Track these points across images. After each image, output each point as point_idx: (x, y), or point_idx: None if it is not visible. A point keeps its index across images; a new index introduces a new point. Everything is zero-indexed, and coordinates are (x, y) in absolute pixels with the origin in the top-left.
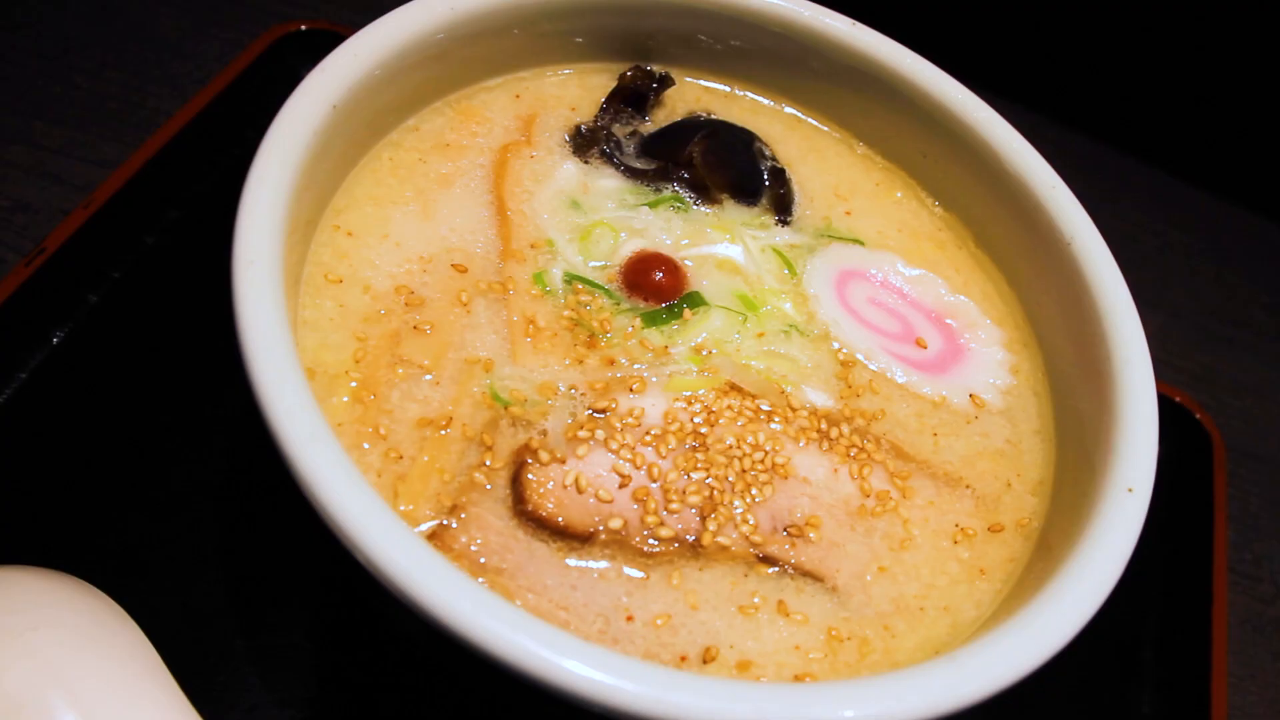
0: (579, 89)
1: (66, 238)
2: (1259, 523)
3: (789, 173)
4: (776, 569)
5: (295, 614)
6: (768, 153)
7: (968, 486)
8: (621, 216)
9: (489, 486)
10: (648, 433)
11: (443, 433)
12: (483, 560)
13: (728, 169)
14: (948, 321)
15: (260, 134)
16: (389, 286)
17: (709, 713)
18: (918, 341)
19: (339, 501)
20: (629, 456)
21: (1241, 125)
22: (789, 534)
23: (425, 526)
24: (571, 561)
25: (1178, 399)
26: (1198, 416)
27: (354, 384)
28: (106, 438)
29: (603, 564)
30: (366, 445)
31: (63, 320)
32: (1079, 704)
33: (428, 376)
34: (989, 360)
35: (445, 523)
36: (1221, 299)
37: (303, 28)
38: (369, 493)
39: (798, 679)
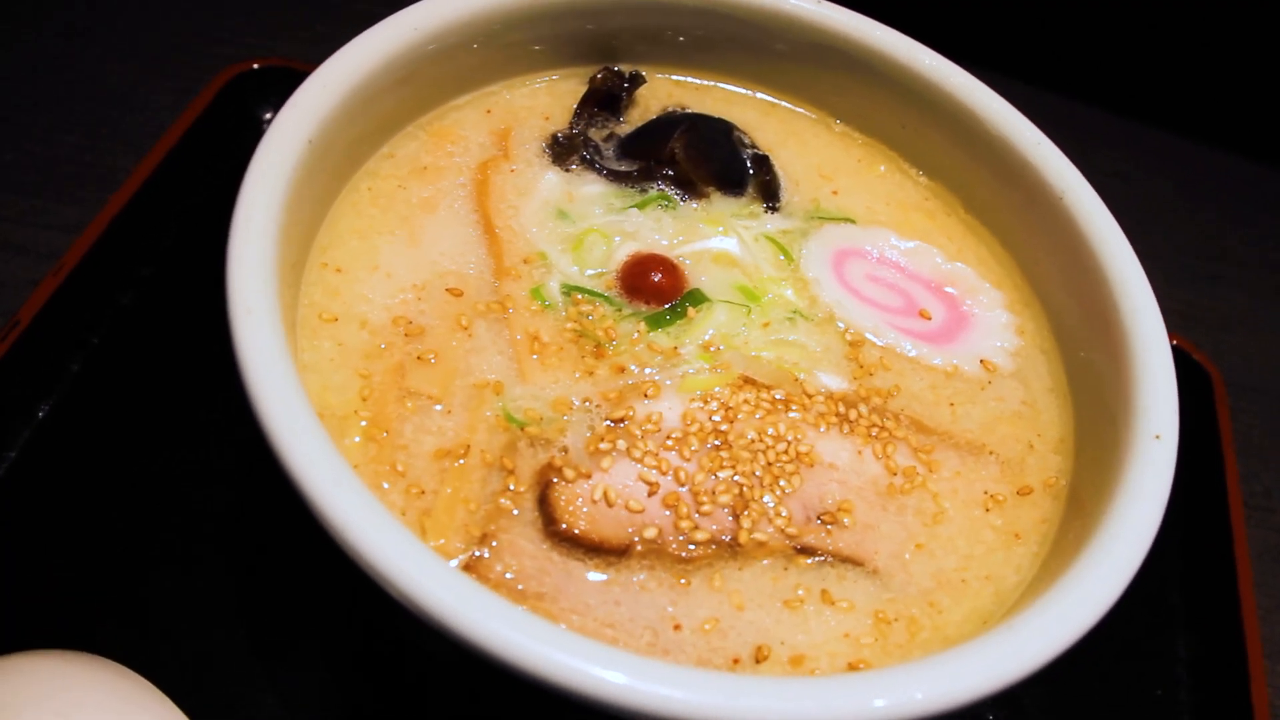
0: (550, 97)
1: (39, 308)
2: (1265, 455)
3: (772, 159)
4: (816, 559)
5: (322, 658)
6: (747, 141)
7: (991, 453)
8: (611, 221)
9: (516, 511)
10: (669, 437)
11: (461, 462)
12: (521, 587)
13: (711, 161)
14: (948, 290)
15: (224, 179)
16: (386, 319)
17: (779, 714)
18: (921, 313)
19: (373, 546)
20: (653, 463)
21: (1200, 65)
22: (823, 522)
23: (459, 559)
24: (611, 576)
25: (1174, 341)
26: (1195, 357)
27: (364, 423)
28: (109, 506)
29: (642, 575)
30: (386, 485)
31: (46, 393)
32: (1114, 651)
33: (438, 407)
34: (993, 324)
35: (478, 554)
36: (1200, 238)
37: (255, 66)
38: (402, 533)
39: (852, 667)
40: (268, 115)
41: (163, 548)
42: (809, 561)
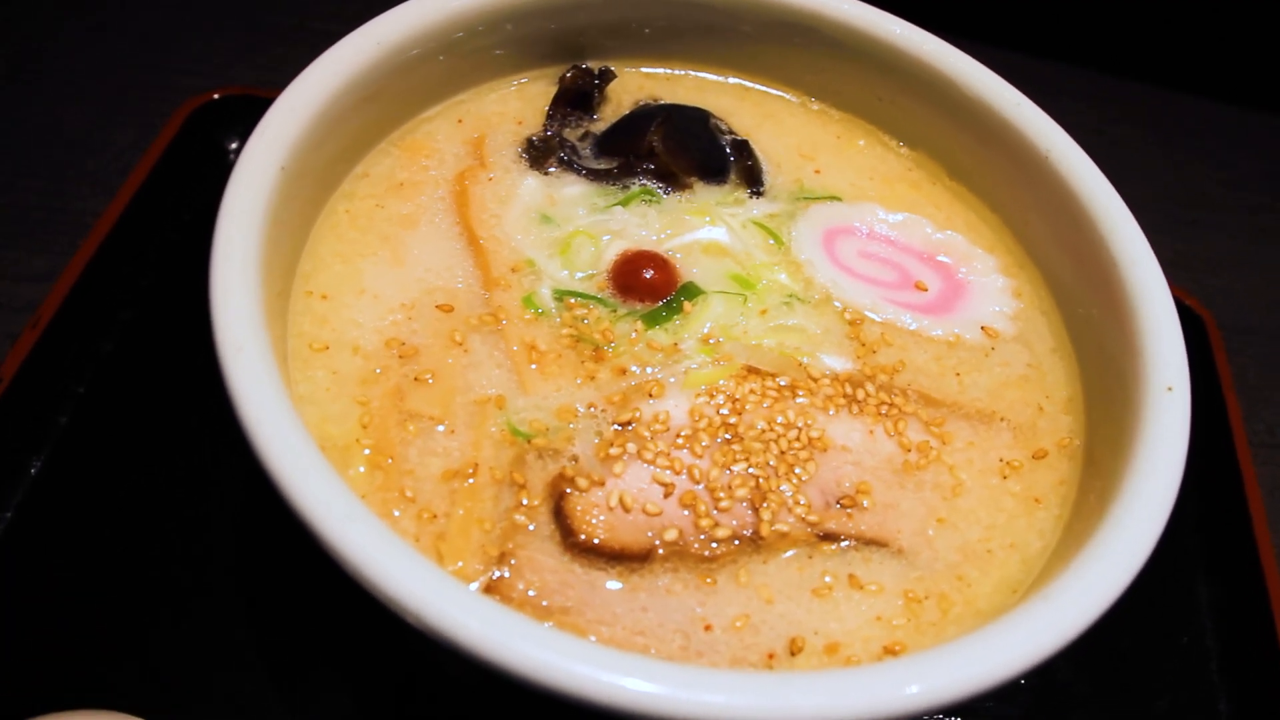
0: (520, 101)
1: (21, 363)
2: (1263, 393)
3: (751, 143)
4: (839, 544)
5: (346, 690)
6: (724, 127)
7: (1001, 419)
8: (596, 221)
9: (532, 527)
10: (678, 435)
11: (471, 481)
12: (545, 603)
13: (690, 151)
14: (941, 259)
15: (196, 213)
16: (378, 343)
17: (824, 709)
18: (917, 285)
19: (393, 578)
20: (666, 464)
21: (1163, 12)
22: (842, 506)
23: (479, 582)
24: (636, 583)
25: None
26: (1187, 303)
27: (367, 451)
28: (113, 557)
29: (667, 579)
30: (397, 512)
31: (37, 448)
32: (1135, 602)
33: (440, 427)
34: (990, 289)
35: (497, 574)
36: (1178, 183)
37: (215, 96)
38: (420, 562)
39: (888, 650)
40: (233, 145)
41: (172, 594)
42: (833, 547)
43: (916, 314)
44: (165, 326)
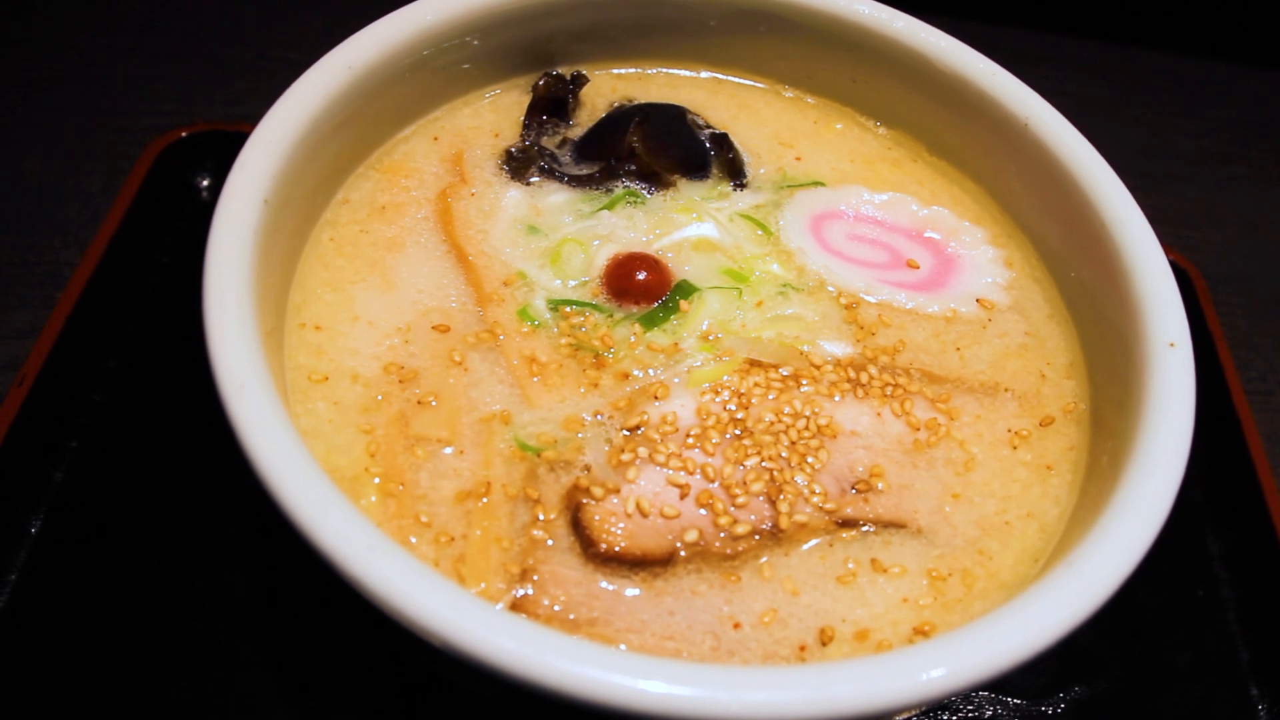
0: (494, 113)
1: (10, 421)
2: (1253, 340)
3: (730, 136)
4: (859, 529)
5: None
6: (701, 122)
7: (1006, 390)
8: (584, 227)
9: (551, 541)
10: (688, 435)
11: (485, 501)
12: (572, 616)
13: (671, 149)
14: (930, 235)
15: (174, 254)
16: (377, 369)
17: (869, 697)
18: (909, 263)
19: (421, 605)
20: (679, 465)
21: None
22: (858, 491)
23: (504, 601)
24: (660, 588)
25: None
26: (1171, 257)
27: (377, 480)
28: (124, 613)
29: (691, 580)
30: (414, 539)
31: (34, 508)
32: (1150, 558)
33: (448, 449)
34: (981, 261)
35: (521, 592)
36: (1147, 139)
37: (183, 134)
38: (447, 587)
39: (917, 631)
40: (205, 182)
41: (188, 644)
42: (853, 533)
43: (911, 292)
44: (153, 372)
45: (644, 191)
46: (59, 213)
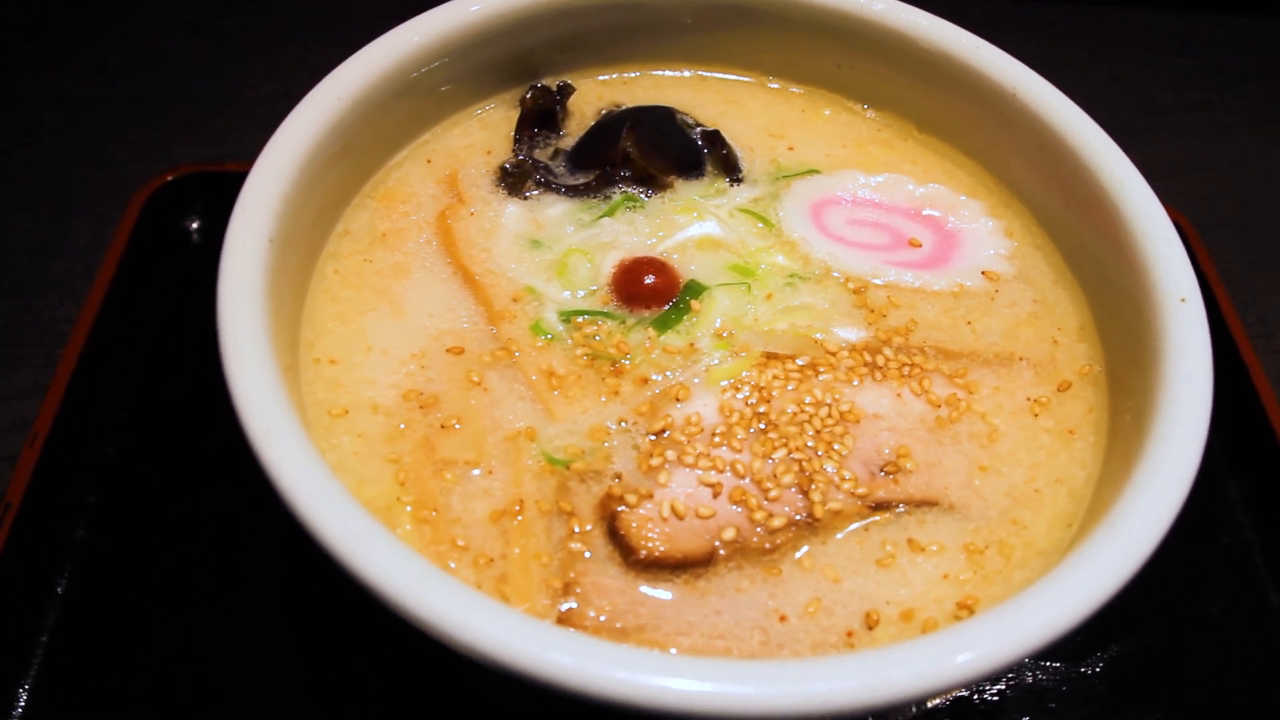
0: (484, 130)
1: (26, 483)
2: (1250, 284)
3: (721, 132)
4: (892, 511)
5: None
6: (691, 121)
7: (1020, 359)
8: (586, 236)
9: (589, 554)
10: (714, 434)
11: (519, 519)
12: (619, 625)
13: (665, 150)
14: (929, 213)
15: (172, 300)
16: (396, 398)
17: (923, 678)
18: (911, 242)
19: (477, 631)
20: (708, 464)
21: None
22: (887, 473)
23: (550, 617)
24: (703, 588)
25: None
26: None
27: (409, 508)
28: (160, 667)
29: (733, 577)
30: (454, 563)
31: (58, 568)
32: None
33: (477, 470)
34: (982, 233)
35: (566, 606)
36: (1125, 96)
37: (169, 178)
38: (500, 609)
39: (962, 606)
40: (195, 224)
41: (226, 689)
42: (887, 515)
43: (917, 271)
44: (163, 420)
45: (642, 195)
46: (51, 269)
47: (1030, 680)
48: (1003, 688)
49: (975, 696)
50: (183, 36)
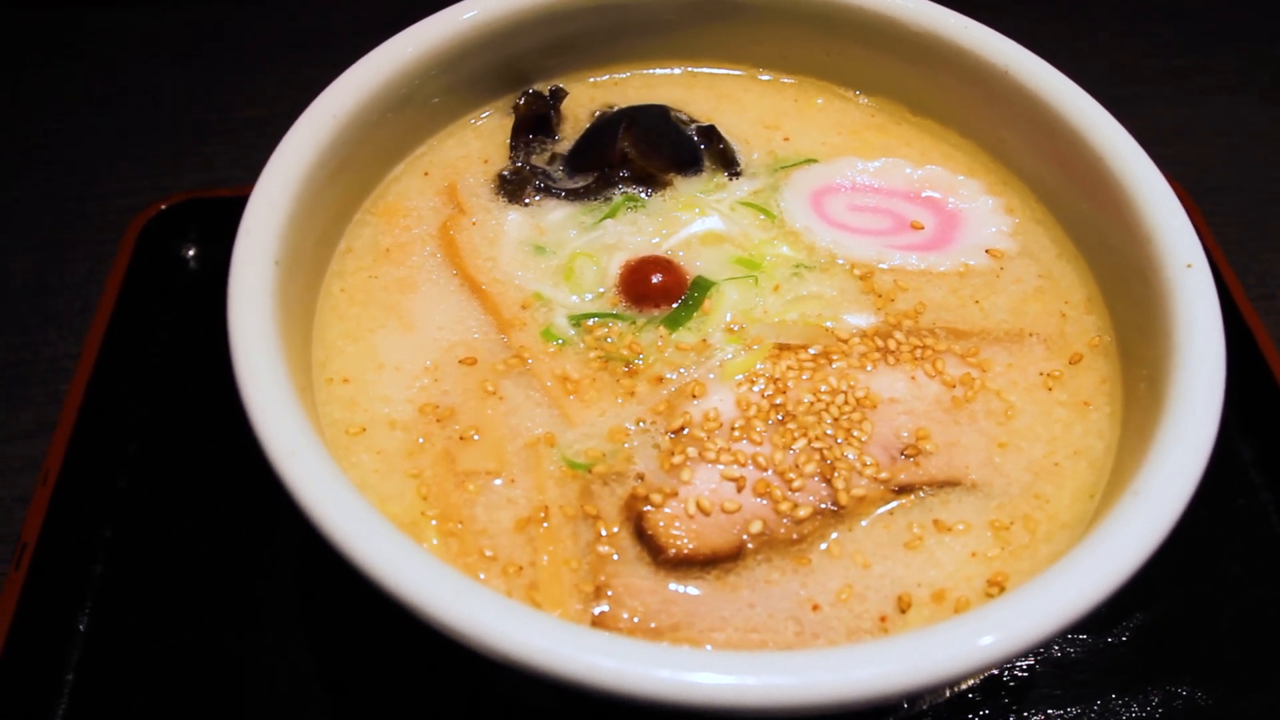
0: (479, 139)
1: (42, 522)
2: (1248, 246)
3: (716, 126)
4: (916, 494)
5: None
6: (685, 117)
7: (1030, 334)
8: (590, 239)
9: (616, 556)
10: (733, 428)
11: (545, 525)
12: (653, 625)
13: (662, 148)
14: (928, 195)
15: (174, 331)
16: (413, 413)
17: (964, 658)
18: (913, 225)
19: (517, 641)
20: (730, 459)
21: None
22: (907, 456)
23: (584, 621)
24: (734, 582)
25: None
26: None
27: (434, 522)
28: (182, 694)
29: (763, 570)
30: (483, 575)
31: (79, 603)
32: None
33: (499, 480)
34: (982, 212)
35: (598, 610)
36: (1107, 66)
37: (163, 207)
38: (538, 617)
39: (992, 583)
40: (191, 252)
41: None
42: (911, 498)
43: (921, 253)
44: (173, 451)
45: (642, 195)
46: (49, 306)
47: (1059, 654)
48: (1032, 662)
49: (1005, 674)
50: (165, 65)
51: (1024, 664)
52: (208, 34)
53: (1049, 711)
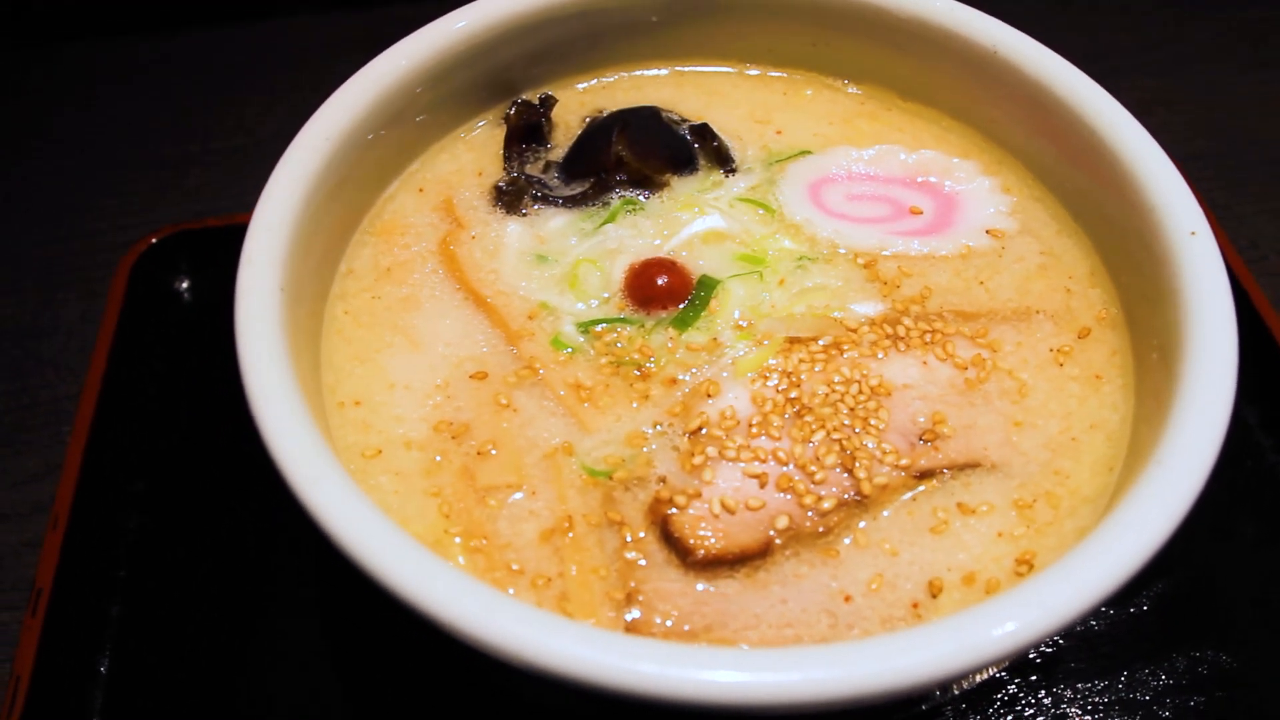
0: (472, 152)
1: (55, 567)
2: (1236, 210)
3: (709, 125)
4: (937, 478)
5: None
6: (676, 117)
7: (1037, 311)
8: (592, 245)
9: (644, 561)
10: (750, 425)
11: (570, 535)
12: (687, 627)
13: (657, 149)
14: (925, 179)
15: (174, 365)
16: (427, 431)
17: (1002, 640)
18: (912, 210)
19: (557, 653)
20: (750, 456)
21: None
22: (926, 441)
23: (618, 629)
24: (764, 579)
25: None
26: None
27: (458, 540)
28: None
29: (793, 564)
30: (512, 590)
31: (98, 646)
32: None
33: (519, 493)
34: (980, 192)
35: (630, 616)
36: (1086, 39)
37: (154, 241)
38: (575, 628)
39: (1021, 561)
40: (184, 284)
41: None
42: (932, 483)
43: (922, 238)
44: (181, 485)
45: (640, 197)
46: (45, 348)
47: (1080, 628)
48: (1057, 638)
49: (1030, 651)
50: (143, 98)
51: (1048, 641)
52: (183, 65)
53: (1077, 685)
